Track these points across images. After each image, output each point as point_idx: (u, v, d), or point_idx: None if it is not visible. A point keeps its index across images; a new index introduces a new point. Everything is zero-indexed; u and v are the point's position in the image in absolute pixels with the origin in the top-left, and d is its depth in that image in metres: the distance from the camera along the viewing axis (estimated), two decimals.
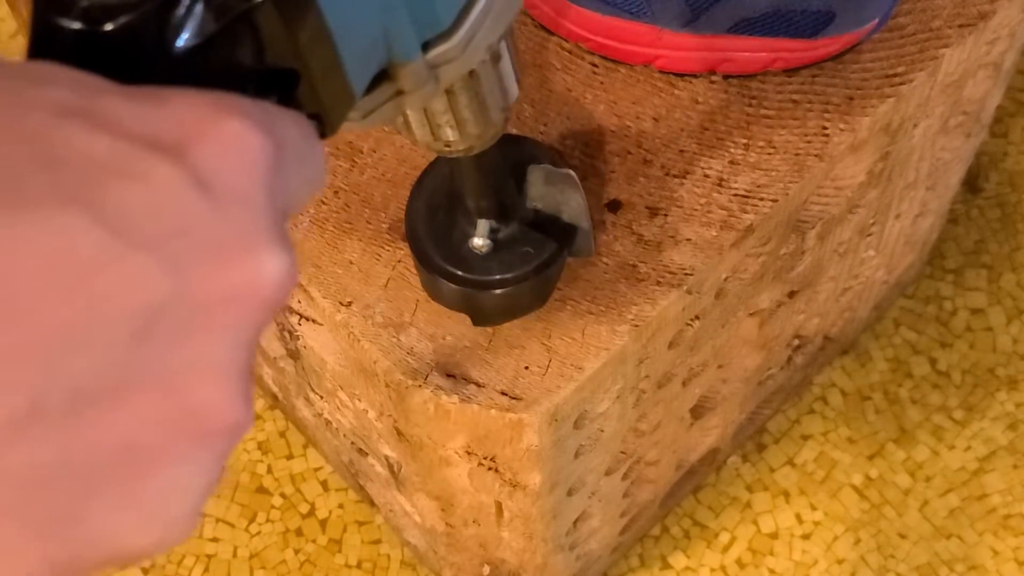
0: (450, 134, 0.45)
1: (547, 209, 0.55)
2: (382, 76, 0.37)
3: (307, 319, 0.64)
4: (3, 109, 0.23)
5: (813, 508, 0.95)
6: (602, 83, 0.64)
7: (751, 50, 0.61)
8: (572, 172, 0.54)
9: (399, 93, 0.38)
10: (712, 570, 0.94)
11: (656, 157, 0.62)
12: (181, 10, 0.28)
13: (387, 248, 0.60)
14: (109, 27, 0.27)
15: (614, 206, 0.60)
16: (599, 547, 0.84)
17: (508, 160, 0.52)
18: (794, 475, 0.96)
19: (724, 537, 0.95)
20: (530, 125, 0.63)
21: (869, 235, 0.79)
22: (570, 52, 0.64)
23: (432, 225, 0.55)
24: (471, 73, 0.42)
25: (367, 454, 0.79)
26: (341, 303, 0.59)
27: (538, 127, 0.63)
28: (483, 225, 0.54)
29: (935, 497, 0.95)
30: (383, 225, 0.61)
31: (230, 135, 0.25)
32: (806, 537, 0.95)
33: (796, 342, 0.86)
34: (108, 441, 0.23)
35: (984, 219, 1.06)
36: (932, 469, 0.97)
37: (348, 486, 0.96)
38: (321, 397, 0.77)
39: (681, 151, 0.62)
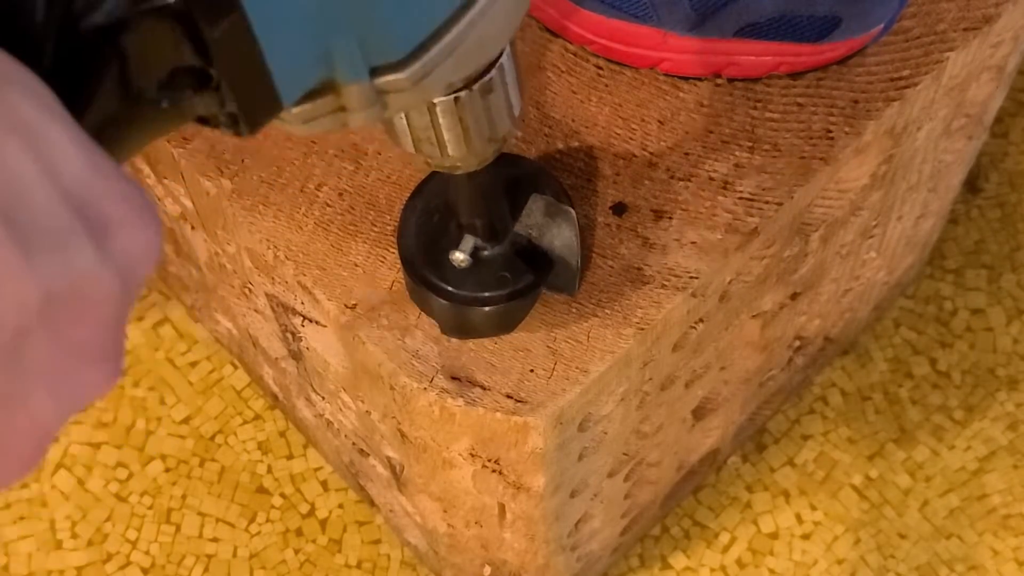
0: (430, 151, 0.44)
1: (539, 239, 0.55)
2: (327, 87, 0.36)
3: (311, 320, 0.64)
4: None
5: (813, 508, 0.95)
6: (607, 86, 0.64)
7: (756, 54, 0.61)
8: (572, 211, 0.54)
9: (342, 108, 0.37)
10: (712, 570, 0.94)
11: (661, 160, 0.62)
12: None
13: (392, 250, 0.60)
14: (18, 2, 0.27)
15: (619, 209, 0.60)
16: (600, 548, 0.84)
17: (507, 181, 0.51)
18: (794, 475, 0.96)
19: (724, 537, 0.95)
20: (534, 127, 0.63)
21: (871, 237, 0.79)
22: (575, 55, 0.64)
23: (425, 225, 0.56)
24: (455, 99, 0.42)
25: (368, 455, 0.79)
26: (346, 305, 0.59)
27: (543, 130, 0.63)
28: (468, 241, 0.54)
29: (935, 497, 0.96)
30: (388, 227, 0.61)
31: (144, 238, 0.28)
32: (806, 537, 0.95)
33: (797, 343, 0.86)
34: None
35: (984, 219, 1.06)
36: (932, 469, 0.97)
37: (348, 486, 0.96)
38: (323, 398, 0.77)
39: (686, 154, 0.62)
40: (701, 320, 0.64)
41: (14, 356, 0.25)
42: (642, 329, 0.58)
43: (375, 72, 0.36)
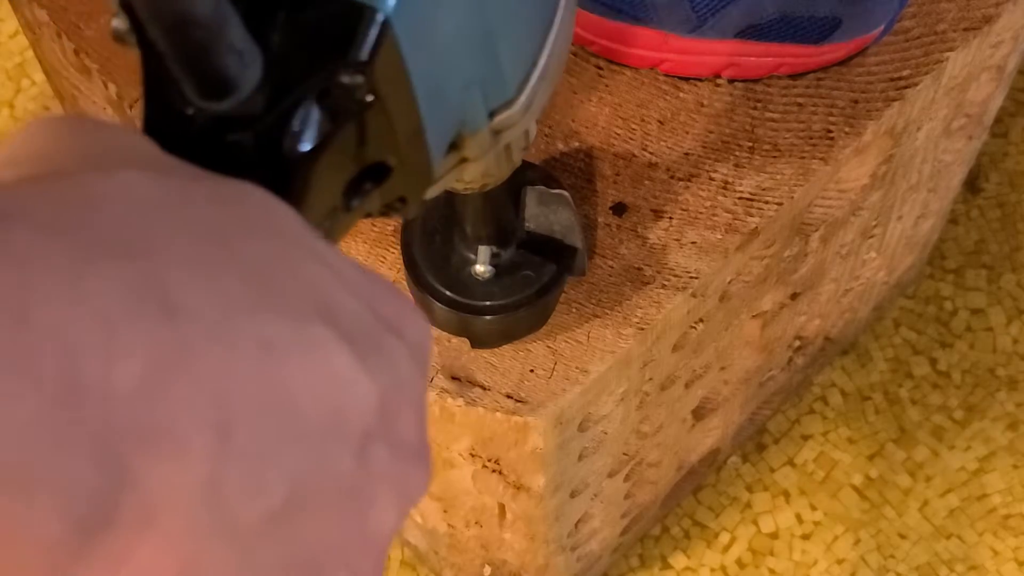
0: (471, 176, 0.45)
1: (541, 230, 0.55)
2: (452, 143, 0.37)
3: None
4: (254, 224, 0.24)
5: (813, 508, 0.95)
6: (607, 86, 0.64)
7: (757, 55, 0.61)
8: (565, 193, 0.54)
9: (463, 160, 0.38)
10: (712, 570, 0.94)
11: (661, 160, 0.62)
12: (299, 117, 0.28)
13: (392, 251, 0.60)
14: (227, 139, 0.27)
15: (619, 209, 0.60)
16: (600, 548, 0.84)
17: (507, 184, 0.52)
18: (794, 475, 0.96)
19: (724, 537, 0.95)
20: None
21: (871, 237, 0.79)
22: (575, 55, 0.64)
23: (429, 249, 0.55)
24: None
25: None
26: None
27: (543, 130, 0.63)
28: (484, 252, 0.54)
29: (935, 497, 0.96)
30: (388, 227, 0.61)
31: (424, 327, 0.28)
32: (806, 537, 0.95)
33: (797, 343, 0.86)
34: (324, 545, 0.25)
35: (984, 219, 1.06)
36: (932, 469, 0.97)
37: None
38: None
39: (686, 154, 0.62)
40: (701, 320, 0.64)
41: (363, 461, 0.25)
42: (642, 329, 0.58)
43: (491, 115, 0.37)
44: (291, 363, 0.23)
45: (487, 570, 0.80)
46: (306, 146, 0.28)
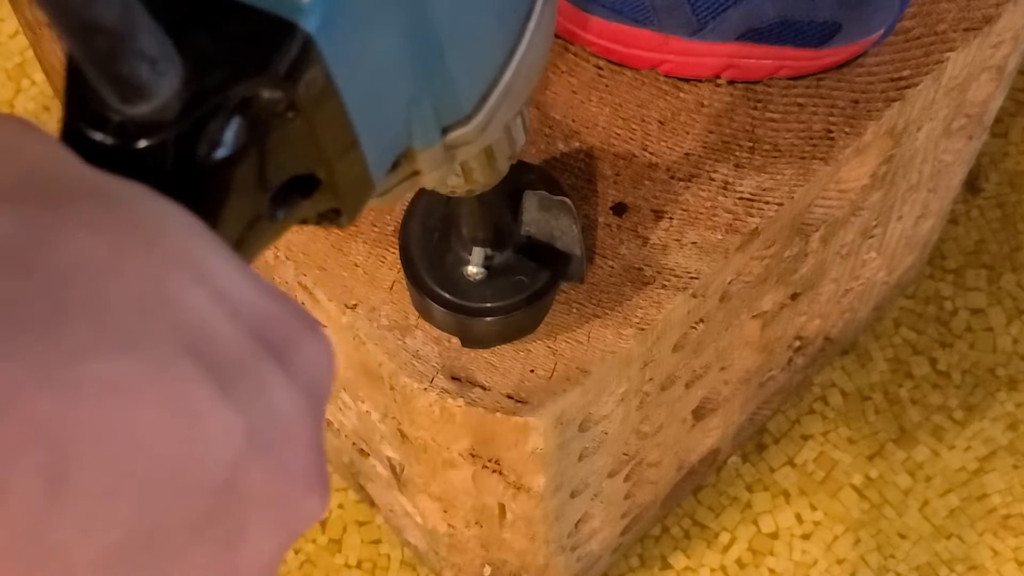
0: (456, 181, 0.45)
1: (540, 235, 0.55)
2: (401, 157, 0.37)
3: None
4: (128, 248, 0.24)
5: (813, 508, 0.95)
6: (607, 86, 0.64)
7: (757, 58, 0.61)
8: (567, 199, 0.54)
9: (415, 173, 0.38)
10: (712, 570, 0.94)
11: (661, 160, 0.62)
12: (215, 125, 0.28)
13: (392, 251, 0.60)
14: (143, 144, 0.27)
15: (619, 209, 0.60)
16: (600, 548, 0.84)
17: (505, 187, 0.52)
18: (794, 475, 0.97)
19: (724, 537, 0.95)
20: (535, 128, 0.63)
21: (871, 237, 0.79)
22: (575, 55, 0.64)
23: (426, 247, 0.55)
24: None
25: (368, 455, 0.79)
26: (346, 306, 0.59)
27: (543, 130, 0.63)
28: (478, 253, 0.54)
29: (935, 497, 0.96)
30: (388, 228, 0.61)
31: (321, 350, 0.28)
32: (806, 537, 0.95)
33: (797, 343, 0.86)
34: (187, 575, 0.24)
35: (984, 219, 1.06)
36: (932, 469, 0.97)
37: (348, 486, 0.96)
38: None
39: (686, 154, 0.62)
40: (701, 320, 0.64)
41: (231, 491, 0.25)
42: (642, 329, 0.58)
43: (445, 131, 0.37)
44: (141, 402, 0.23)
45: (487, 570, 0.80)
46: (221, 154, 0.28)
